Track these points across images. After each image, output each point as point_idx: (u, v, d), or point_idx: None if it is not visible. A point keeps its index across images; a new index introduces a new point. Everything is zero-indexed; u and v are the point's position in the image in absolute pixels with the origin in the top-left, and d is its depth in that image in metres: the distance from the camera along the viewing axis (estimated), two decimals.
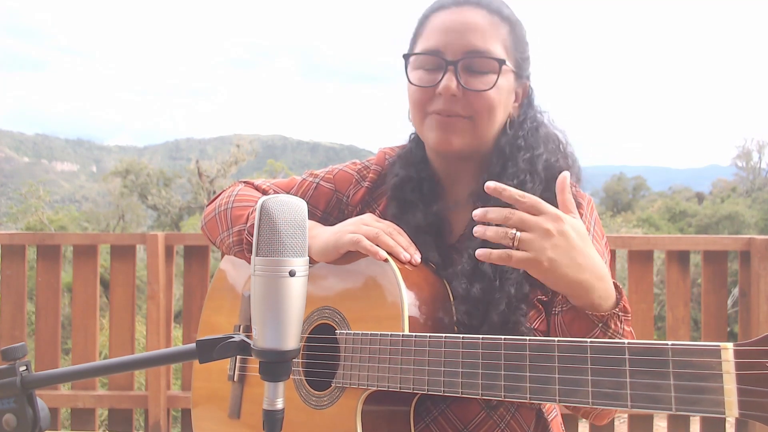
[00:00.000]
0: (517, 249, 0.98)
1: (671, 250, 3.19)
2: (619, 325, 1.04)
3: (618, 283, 1.07)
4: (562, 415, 1.33)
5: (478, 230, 1.01)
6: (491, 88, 1.18)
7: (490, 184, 1.01)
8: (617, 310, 1.04)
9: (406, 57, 1.24)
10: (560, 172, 1.23)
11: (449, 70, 1.17)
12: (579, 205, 1.23)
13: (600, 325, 1.03)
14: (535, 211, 0.98)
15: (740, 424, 3.18)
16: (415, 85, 1.22)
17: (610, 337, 1.04)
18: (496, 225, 1.00)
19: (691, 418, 3.25)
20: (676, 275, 3.19)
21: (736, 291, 3.34)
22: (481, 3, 1.21)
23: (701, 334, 3.16)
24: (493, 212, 0.99)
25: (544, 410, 1.26)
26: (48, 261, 3.37)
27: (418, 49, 1.23)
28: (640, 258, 3.17)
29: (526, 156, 1.22)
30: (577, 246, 0.99)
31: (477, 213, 1.01)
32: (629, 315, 1.07)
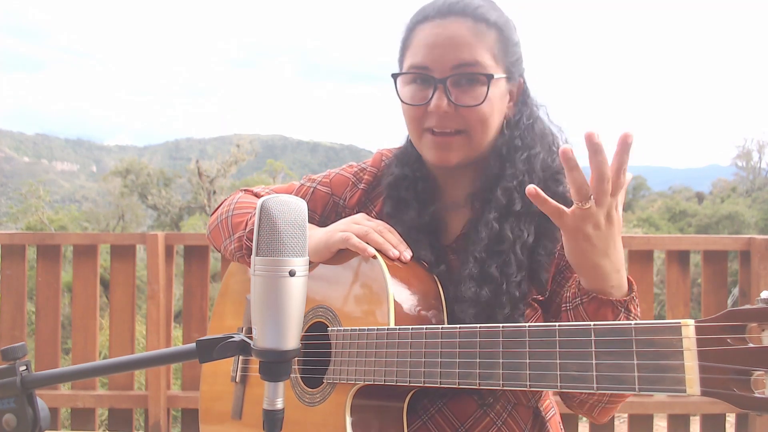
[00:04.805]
0: (572, 212, 0.97)
1: (671, 250, 3.20)
2: (636, 309, 1.08)
3: (630, 278, 1.10)
4: (561, 414, 1.33)
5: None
6: (482, 102, 1.17)
7: (531, 190, 0.97)
8: (634, 295, 1.07)
9: (394, 77, 1.23)
10: (557, 171, 1.23)
11: (438, 89, 1.16)
12: None
13: (623, 310, 1.06)
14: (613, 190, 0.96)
15: (740, 422, 3.18)
16: (406, 103, 1.21)
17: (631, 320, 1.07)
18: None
19: (690, 418, 3.25)
20: (676, 275, 3.19)
21: (736, 291, 3.34)
22: (467, 11, 1.18)
23: None
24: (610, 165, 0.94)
25: (541, 408, 1.26)
26: (48, 261, 3.37)
27: (406, 62, 1.22)
28: (640, 258, 3.17)
29: (524, 156, 1.22)
30: (614, 235, 1.01)
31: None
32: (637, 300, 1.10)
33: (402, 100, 1.22)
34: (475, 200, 1.24)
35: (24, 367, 0.91)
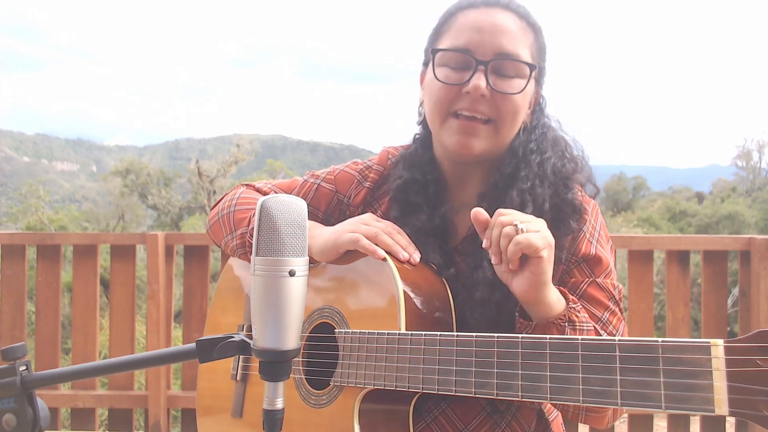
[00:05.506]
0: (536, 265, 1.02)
1: (671, 249, 3.19)
2: (580, 315, 1.08)
3: (562, 288, 1.11)
4: (563, 415, 1.33)
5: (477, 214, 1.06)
6: (520, 92, 1.17)
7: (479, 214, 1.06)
8: (572, 305, 1.09)
9: (434, 52, 1.20)
10: (567, 177, 1.23)
11: (479, 70, 1.15)
12: (585, 211, 1.23)
13: (567, 324, 1.06)
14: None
15: (740, 424, 3.18)
16: (441, 81, 1.19)
17: (578, 330, 1.07)
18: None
19: (691, 418, 3.25)
20: (676, 275, 3.18)
21: (736, 291, 3.34)
22: (511, 6, 1.20)
23: (701, 334, 3.16)
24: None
25: (544, 410, 1.26)
26: (48, 261, 3.37)
27: (444, 45, 1.20)
28: (640, 258, 3.16)
29: (537, 159, 1.22)
30: (551, 260, 1.04)
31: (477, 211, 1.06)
32: (578, 304, 1.11)
33: (437, 78, 1.19)
34: (484, 200, 1.23)
35: (24, 367, 0.91)
